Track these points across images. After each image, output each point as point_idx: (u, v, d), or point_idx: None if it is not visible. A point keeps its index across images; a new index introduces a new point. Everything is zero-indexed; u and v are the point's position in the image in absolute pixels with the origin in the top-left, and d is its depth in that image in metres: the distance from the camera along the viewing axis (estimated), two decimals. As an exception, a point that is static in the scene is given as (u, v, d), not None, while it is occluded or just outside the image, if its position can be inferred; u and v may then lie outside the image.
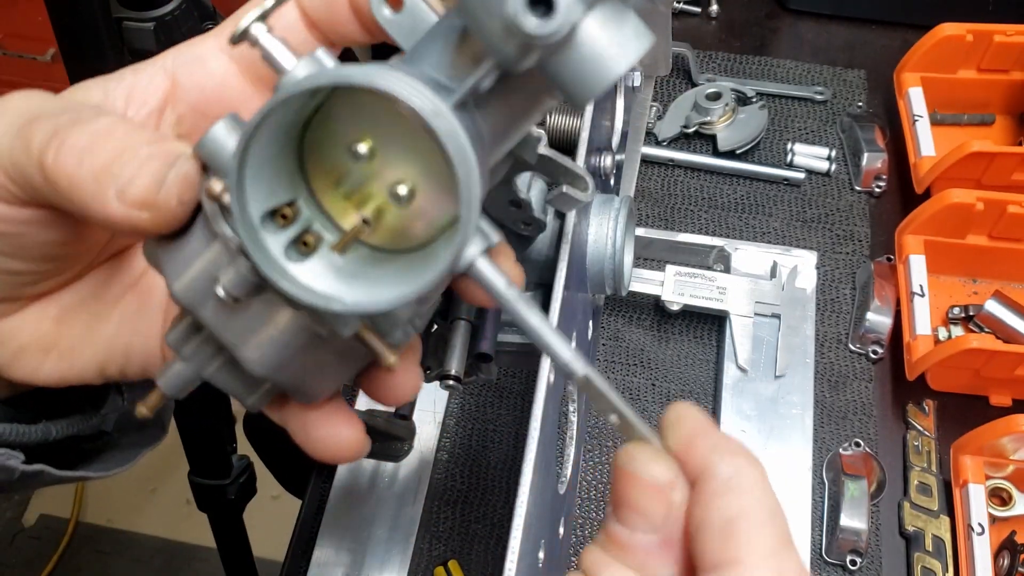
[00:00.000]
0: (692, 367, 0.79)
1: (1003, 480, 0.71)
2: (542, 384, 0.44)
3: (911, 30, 0.95)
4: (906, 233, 0.81)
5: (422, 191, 0.29)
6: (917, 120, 0.88)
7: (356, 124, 0.29)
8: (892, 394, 0.78)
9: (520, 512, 0.40)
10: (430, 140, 0.26)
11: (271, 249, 0.28)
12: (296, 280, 0.28)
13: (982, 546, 0.66)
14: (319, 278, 0.29)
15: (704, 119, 0.93)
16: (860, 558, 0.68)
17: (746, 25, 1.05)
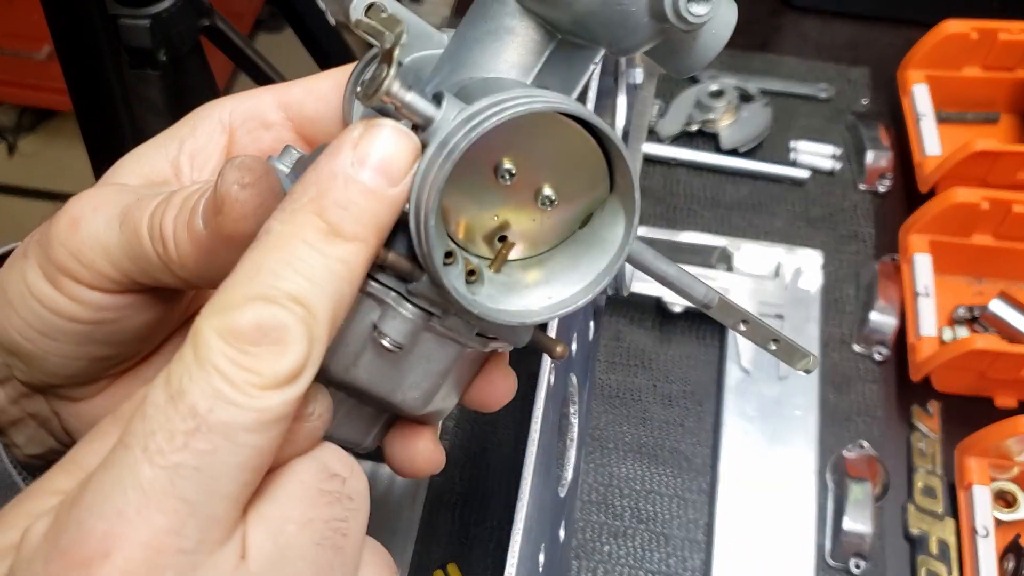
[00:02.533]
0: (694, 368, 0.79)
1: (1008, 482, 0.70)
2: (542, 386, 0.43)
3: (915, 27, 0.94)
4: (911, 232, 0.80)
5: (564, 195, 0.31)
6: (922, 118, 0.87)
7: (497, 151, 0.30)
8: (896, 395, 0.77)
9: (520, 515, 0.40)
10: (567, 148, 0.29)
11: (456, 284, 0.30)
12: (484, 304, 0.30)
13: (987, 549, 0.66)
14: (495, 299, 0.31)
15: (707, 117, 0.92)
16: (864, 561, 0.68)
17: (749, 22, 1.04)
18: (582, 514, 0.72)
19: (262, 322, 0.25)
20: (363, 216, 0.27)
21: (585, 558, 0.70)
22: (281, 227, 0.27)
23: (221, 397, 0.24)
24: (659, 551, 0.70)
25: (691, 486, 0.73)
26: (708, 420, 0.76)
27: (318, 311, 0.26)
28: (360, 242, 0.27)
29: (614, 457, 0.74)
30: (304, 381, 0.25)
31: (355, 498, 0.29)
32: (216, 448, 0.24)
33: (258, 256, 0.26)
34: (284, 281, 0.25)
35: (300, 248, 0.26)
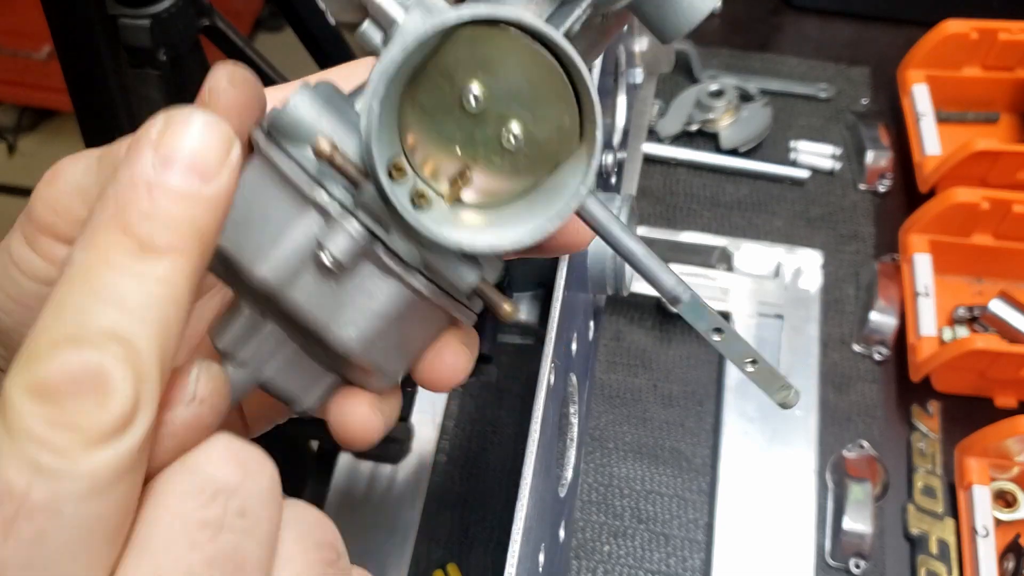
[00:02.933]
0: (694, 368, 0.79)
1: (1008, 482, 0.70)
2: (542, 386, 0.43)
3: (915, 27, 0.94)
4: (911, 232, 0.80)
5: (531, 137, 0.29)
6: (922, 118, 0.87)
7: (462, 70, 0.28)
8: (896, 395, 0.77)
9: (520, 515, 0.40)
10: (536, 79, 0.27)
11: (401, 197, 0.27)
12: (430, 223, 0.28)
13: (987, 549, 0.66)
14: (440, 225, 0.28)
15: (707, 117, 0.92)
16: (864, 561, 0.68)
17: (749, 22, 1.04)
18: (582, 514, 0.72)
19: (73, 370, 0.21)
20: (177, 224, 0.23)
21: (585, 558, 0.70)
22: (83, 254, 0.22)
23: (39, 470, 0.20)
24: (659, 551, 0.70)
25: (691, 486, 0.73)
26: (708, 420, 0.76)
27: (140, 344, 0.22)
28: (178, 253, 0.23)
29: (614, 457, 0.74)
30: (140, 426, 0.21)
31: (248, 511, 0.24)
32: (44, 531, 0.20)
33: (62, 292, 0.22)
34: (94, 317, 0.21)
35: (106, 273, 0.22)
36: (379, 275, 0.29)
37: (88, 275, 0.22)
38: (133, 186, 0.23)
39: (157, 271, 0.22)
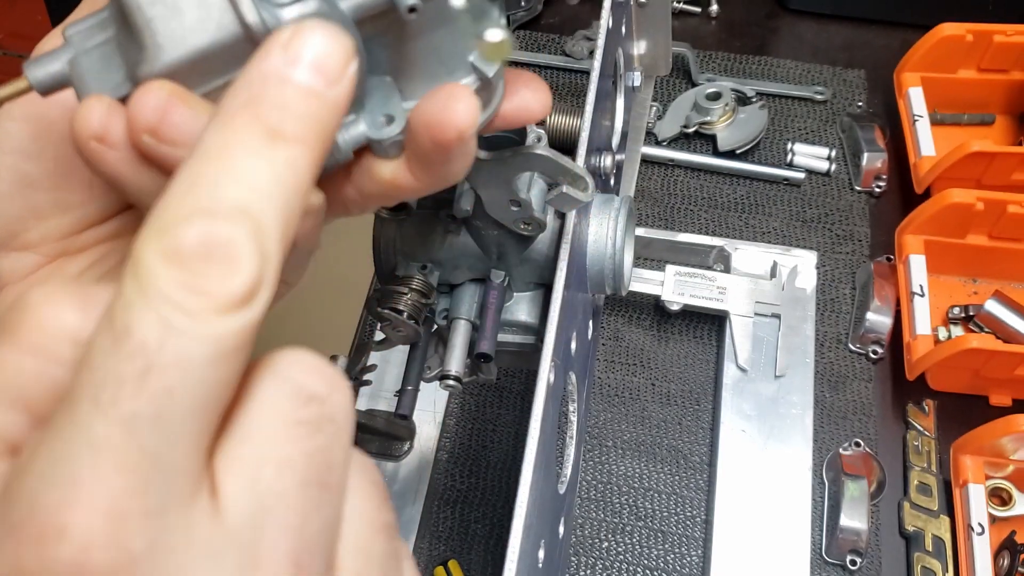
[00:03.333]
0: (692, 367, 0.79)
1: (1003, 480, 0.71)
2: (542, 384, 0.44)
3: (911, 30, 0.95)
4: (906, 233, 0.81)
5: None
6: (917, 120, 0.88)
7: None
8: (892, 394, 0.78)
9: (520, 512, 0.40)
10: None
11: None
12: None
13: (982, 546, 0.66)
14: None
15: (704, 119, 0.92)
16: (860, 558, 0.68)
17: (746, 25, 1.05)
18: (581, 511, 0.72)
19: (208, 238, 0.22)
20: (304, 117, 0.24)
21: (584, 554, 0.70)
22: (217, 136, 0.24)
23: (171, 328, 0.21)
24: (657, 547, 0.71)
25: (689, 483, 0.74)
26: (706, 418, 0.77)
27: (267, 223, 0.23)
28: (304, 145, 0.24)
29: (613, 455, 0.75)
30: (261, 302, 0.23)
31: (337, 418, 0.25)
32: (173, 388, 0.21)
33: (195, 168, 0.23)
34: (227, 191, 0.22)
35: (240, 154, 0.23)
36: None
37: (221, 153, 0.23)
38: (264, 78, 0.24)
39: (285, 156, 0.24)
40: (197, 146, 0.24)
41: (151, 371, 0.21)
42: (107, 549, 0.20)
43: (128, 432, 0.21)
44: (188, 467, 0.22)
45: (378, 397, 0.76)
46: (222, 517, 0.23)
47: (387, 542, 0.27)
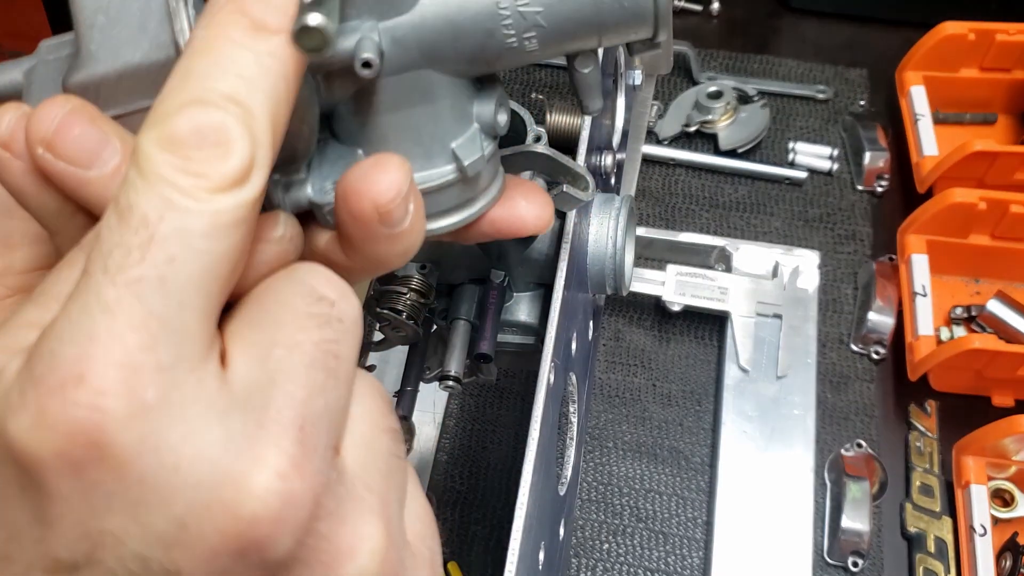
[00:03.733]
0: (693, 367, 0.79)
1: (1005, 481, 0.70)
2: (542, 385, 0.44)
3: (913, 29, 0.95)
4: (908, 233, 0.81)
5: None
6: (919, 119, 0.87)
7: None
8: (894, 395, 0.78)
9: (520, 514, 0.40)
10: None
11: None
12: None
13: (984, 547, 0.66)
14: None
15: (705, 118, 0.92)
16: (862, 559, 0.68)
17: (748, 24, 1.04)
18: (582, 512, 0.72)
19: (200, 125, 0.24)
20: (287, 5, 0.26)
21: (585, 556, 0.70)
22: (205, 31, 0.25)
23: (171, 205, 0.23)
24: (658, 549, 0.70)
25: (690, 485, 0.73)
26: (707, 419, 0.76)
27: (255, 109, 0.25)
28: (286, 34, 0.26)
29: (613, 456, 0.75)
30: (255, 183, 0.24)
31: (345, 320, 0.27)
32: (174, 256, 0.23)
33: (186, 63, 0.25)
34: (216, 82, 0.24)
35: (227, 48, 0.25)
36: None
37: (210, 48, 0.25)
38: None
39: (270, 47, 0.25)
40: (188, 43, 0.25)
41: (153, 240, 0.23)
42: (121, 396, 0.22)
43: (135, 295, 0.23)
44: (196, 332, 0.24)
45: (377, 397, 0.76)
46: (230, 383, 0.25)
47: (392, 442, 0.29)
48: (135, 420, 0.23)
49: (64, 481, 0.23)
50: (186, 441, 0.23)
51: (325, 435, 0.26)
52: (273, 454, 0.24)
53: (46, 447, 0.22)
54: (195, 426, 0.24)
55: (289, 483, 0.24)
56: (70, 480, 0.23)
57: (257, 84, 0.25)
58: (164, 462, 0.23)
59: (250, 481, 0.24)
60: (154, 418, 0.23)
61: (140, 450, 0.23)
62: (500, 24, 0.30)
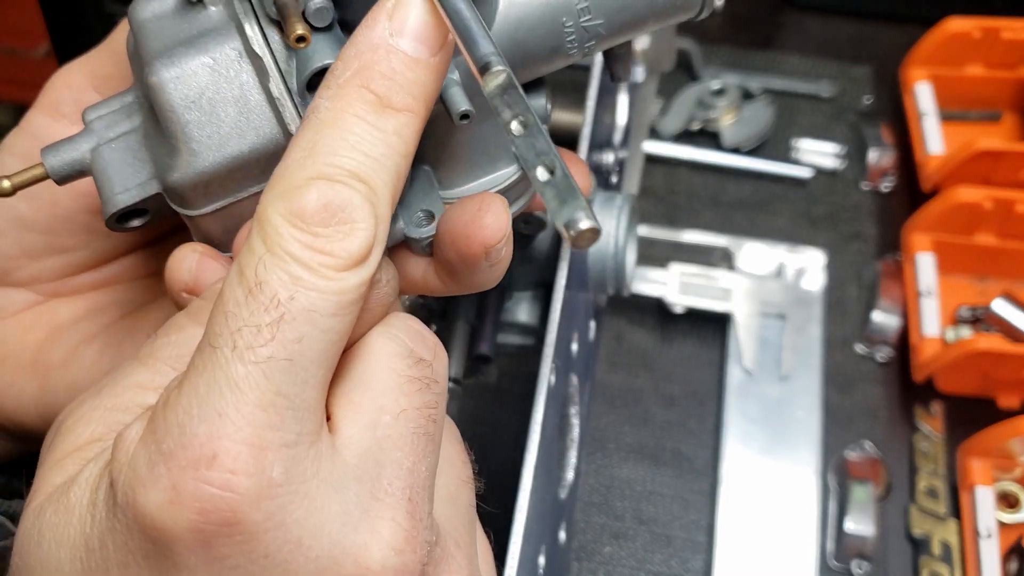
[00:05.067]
0: (696, 369, 0.79)
1: (1012, 483, 0.70)
2: (543, 387, 0.43)
3: (918, 25, 0.94)
4: (914, 232, 0.80)
5: None
6: (924, 117, 0.87)
7: None
8: (899, 396, 0.77)
9: (520, 517, 0.40)
10: None
11: None
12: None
13: (990, 550, 0.65)
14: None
15: (708, 115, 0.92)
16: (866, 563, 0.68)
17: (751, 20, 1.04)
18: (583, 515, 0.71)
19: (328, 202, 0.24)
20: (411, 85, 0.27)
21: (586, 560, 0.69)
22: (330, 104, 0.26)
23: (301, 283, 0.24)
24: (660, 552, 0.70)
25: (692, 487, 0.73)
26: (710, 421, 0.76)
27: (379, 187, 0.26)
28: (411, 113, 0.27)
29: (615, 458, 0.74)
30: (375, 259, 0.25)
31: (440, 381, 0.28)
32: (303, 336, 0.24)
33: (311, 135, 0.26)
34: (343, 158, 0.25)
35: (353, 123, 0.26)
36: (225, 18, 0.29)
37: (336, 122, 0.26)
38: (373, 48, 0.26)
39: (394, 125, 0.26)
40: (311, 113, 0.26)
41: (283, 320, 0.24)
42: (251, 475, 0.23)
43: (265, 374, 0.24)
44: (315, 406, 0.25)
45: (376, 398, 0.76)
46: (342, 452, 0.26)
47: (469, 493, 0.31)
48: (263, 498, 0.24)
49: (194, 555, 0.24)
50: (308, 516, 0.24)
51: (428, 501, 0.27)
52: (388, 528, 0.25)
53: (180, 523, 0.23)
54: (316, 501, 0.24)
55: (403, 557, 0.25)
56: (200, 554, 0.24)
57: (382, 162, 0.26)
58: (289, 537, 0.24)
59: (368, 556, 0.25)
60: (280, 494, 0.24)
61: (267, 526, 0.24)
62: (565, 41, 0.32)
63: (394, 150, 0.26)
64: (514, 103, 0.27)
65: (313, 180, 0.25)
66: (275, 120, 0.29)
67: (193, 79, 0.29)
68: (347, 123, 0.26)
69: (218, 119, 0.29)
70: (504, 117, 0.27)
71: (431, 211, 0.32)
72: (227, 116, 0.29)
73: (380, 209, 0.25)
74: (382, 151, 0.26)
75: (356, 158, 0.25)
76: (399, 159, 0.26)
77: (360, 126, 0.26)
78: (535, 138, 0.26)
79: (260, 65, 0.29)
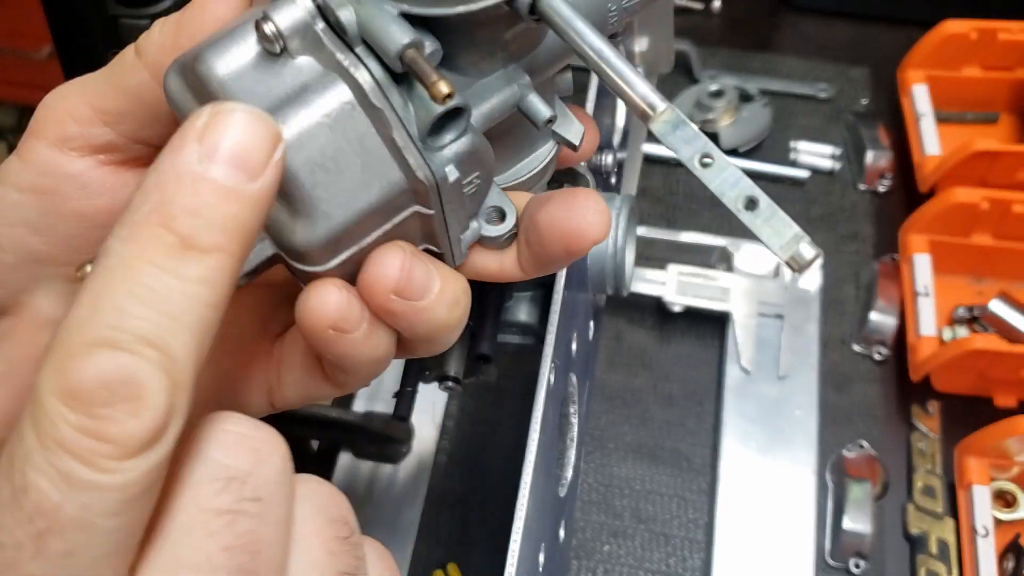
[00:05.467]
0: (694, 368, 0.79)
1: (1008, 482, 0.70)
2: (542, 386, 0.43)
3: (915, 27, 0.94)
4: (910, 232, 0.80)
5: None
6: (921, 118, 0.87)
7: None
8: (896, 395, 0.77)
9: (520, 515, 0.40)
10: None
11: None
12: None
13: (987, 549, 0.66)
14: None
15: (706, 117, 0.92)
16: (864, 561, 0.68)
17: (749, 22, 1.04)
18: (582, 514, 0.72)
19: (108, 376, 0.20)
20: (222, 221, 0.22)
21: (585, 558, 0.70)
22: (122, 247, 0.21)
23: (71, 482, 0.20)
24: (659, 551, 0.70)
25: (691, 486, 0.73)
26: (708, 420, 0.76)
27: (177, 351, 0.21)
28: (222, 253, 0.22)
29: (614, 457, 0.74)
30: (171, 436, 0.21)
31: (262, 495, 0.23)
32: (74, 547, 0.20)
33: (97, 287, 0.21)
34: (131, 319, 0.21)
35: (147, 272, 0.21)
36: (318, 66, 0.27)
37: (127, 271, 0.21)
38: (178, 178, 0.22)
39: (199, 272, 0.22)
40: (101, 257, 0.22)
41: (49, 532, 0.20)
42: None
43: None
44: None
45: (376, 399, 0.76)
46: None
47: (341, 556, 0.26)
48: None
49: None
50: None
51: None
52: None
53: None
54: None
55: None
56: None
57: (182, 319, 0.21)
58: None
59: None
60: None
61: None
62: (608, 24, 0.30)
63: (199, 302, 0.21)
64: (690, 138, 0.25)
65: (92, 348, 0.20)
66: (399, 166, 0.28)
67: (313, 141, 0.27)
68: (139, 272, 0.21)
69: (343, 176, 0.27)
70: (683, 155, 0.25)
71: (500, 208, 0.32)
72: (351, 171, 0.27)
73: (180, 375, 0.21)
74: (183, 305, 0.21)
75: (147, 317, 0.21)
76: (206, 311, 0.22)
77: (155, 276, 0.21)
78: (724, 170, 0.25)
79: (379, 116, 0.27)
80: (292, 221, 0.27)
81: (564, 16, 0.27)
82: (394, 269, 0.28)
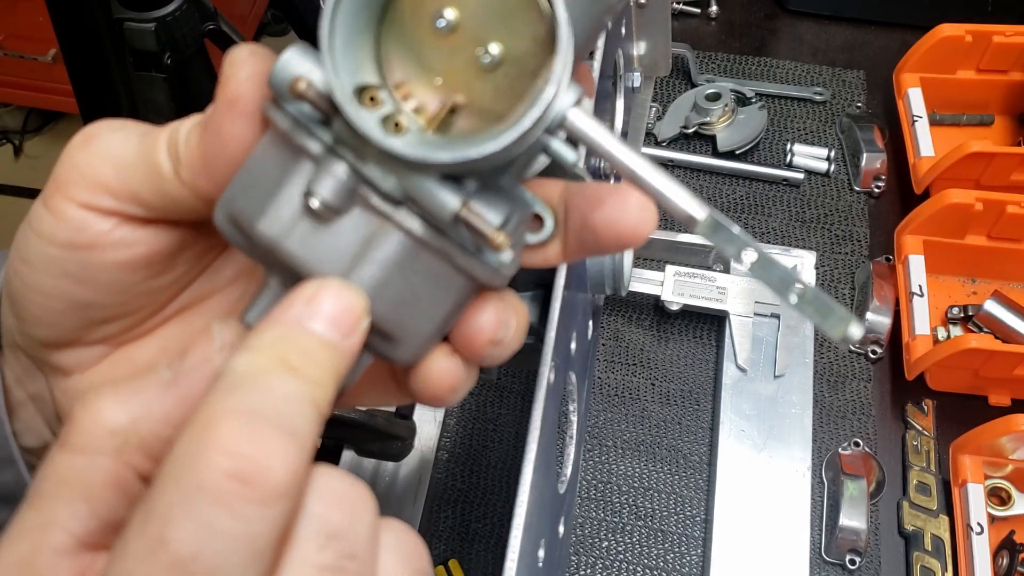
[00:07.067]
0: (692, 367, 0.80)
1: (1002, 480, 0.71)
2: (542, 384, 0.44)
3: (910, 31, 0.95)
4: (905, 233, 0.81)
5: (511, 54, 0.28)
6: (916, 120, 0.88)
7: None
8: (891, 394, 0.78)
9: (520, 511, 0.40)
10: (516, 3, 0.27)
11: (368, 119, 0.27)
12: (395, 141, 0.27)
13: (981, 546, 0.66)
14: (411, 146, 0.27)
15: (704, 119, 0.93)
16: (859, 557, 0.69)
17: (745, 26, 1.05)
18: (581, 510, 0.72)
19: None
20: (320, 362, 0.26)
21: (584, 553, 0.71)
22: (246, 365, 0.25)
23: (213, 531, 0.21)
24: (657, 547, 0.71)
25: (688, 483, 0.74)
26: (705, 418, 0.77)
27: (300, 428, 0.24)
28: (317, 385, 0.25)
29: (613, 454, 0.75)
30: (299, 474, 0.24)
31: (359, 551, 0.25)
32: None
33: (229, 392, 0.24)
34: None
35: (273, 379, 0.25)
36: (370, 218, 0.28)
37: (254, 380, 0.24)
38: (287, 325, 0.26)
39: (304, 389, 0.25)
40: (227, 373, 0.24)
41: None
42: None
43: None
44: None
45: (379, 397, 0.76)
46: None
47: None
48: None
49: None
50: None
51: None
52: None
53: None
54: None
55: None
56: None
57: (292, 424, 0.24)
58: None
59: None
60: None
61: None
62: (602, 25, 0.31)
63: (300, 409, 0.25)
64: (732, 239, 0.27)
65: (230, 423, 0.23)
66: (464, 276, 0.30)
67: (389, 288, 0.28)
68: (266, 379, 0.24)
69: (421, 301, 0.29)
70: (728, 253, 0.27)
71: (539, 214, 0.32)
72: (427, 293, 0.29)
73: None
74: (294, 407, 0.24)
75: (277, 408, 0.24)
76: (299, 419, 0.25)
77: (277, 382, 0.25)
78: (771, 267, 0.26)
79: (439, 249, 0.29)
80: (390, 346, 0.30)
81: (598, 138, 0.28)
82: (491, 324, 0.31)
